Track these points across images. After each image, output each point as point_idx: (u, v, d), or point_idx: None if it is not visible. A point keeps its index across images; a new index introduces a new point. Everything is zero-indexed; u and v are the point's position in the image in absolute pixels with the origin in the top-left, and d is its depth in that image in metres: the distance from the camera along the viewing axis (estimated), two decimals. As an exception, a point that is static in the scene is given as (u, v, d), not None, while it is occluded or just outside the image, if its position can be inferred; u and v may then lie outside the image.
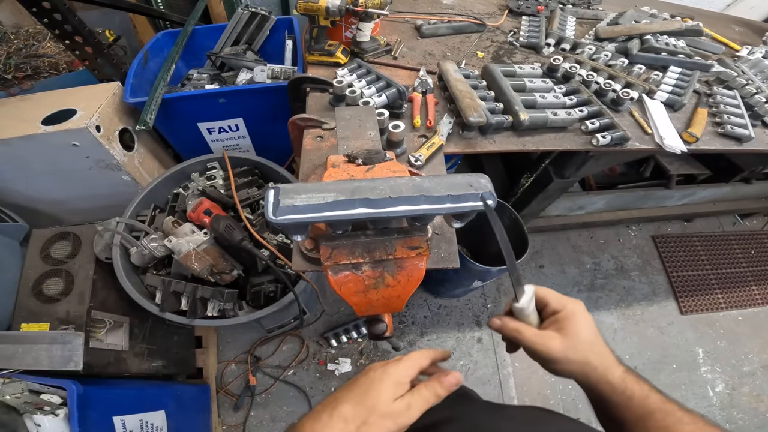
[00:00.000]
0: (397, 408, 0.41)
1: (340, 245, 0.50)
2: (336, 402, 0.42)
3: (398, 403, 0.42)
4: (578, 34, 1.41)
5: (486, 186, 0.47)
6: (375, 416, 0.40)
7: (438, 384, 0.44)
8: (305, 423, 0.41)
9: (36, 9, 1.15)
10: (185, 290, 1.11)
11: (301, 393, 1.65)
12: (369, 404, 0.41)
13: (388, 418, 0.40)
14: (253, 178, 1.36)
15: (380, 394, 0.42)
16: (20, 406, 0.86)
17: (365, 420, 0.40)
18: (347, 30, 1.14)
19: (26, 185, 1.35)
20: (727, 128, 1.07)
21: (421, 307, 1.90)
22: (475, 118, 0.89)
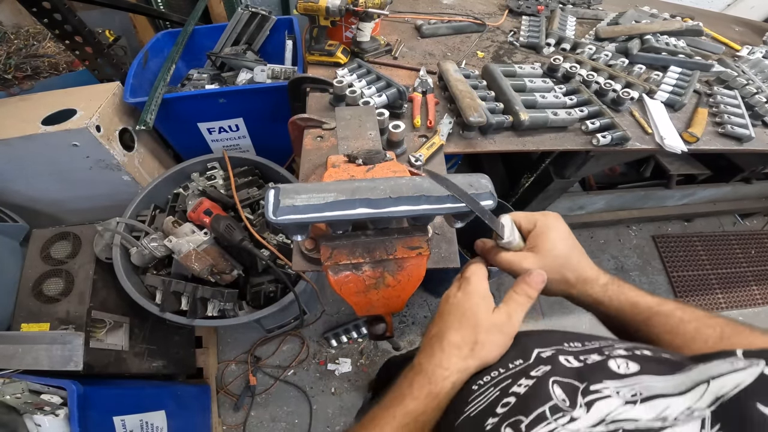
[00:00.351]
0: (498, 319, 0.42)
1: (340, 245, 0.50)
2: (440, 334, 0.42)
3: (497, 314, 0.42)
4: (578, 34, 1.40)
5: (486, 186, 0.47)
6: (482, 333, 0.41)
7: (527, 286, 0.44)
8: (422, 362, 0.41)
9: (36, 9, 1.15)
10: (185, 290, 1.11)
11: (302, 393, 1.65)
12: (472, 325, 0.41)
13: (494, 331, 0.41)
14: (253, 178, 1.36)
15: (476, 312, 0.42)
16: (20, 406, 0.86)
17: (475, 340, 0.40)
18: (347, 30, 1.14)
19: (26, 185, 1.35)
20: (728, 128, 1.07)
21: (421, 307, 1.90)
22: (476, 118, 0.89)
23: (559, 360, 0.36)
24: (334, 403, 1.65)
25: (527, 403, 0.32)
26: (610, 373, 0.32)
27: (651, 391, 0.28)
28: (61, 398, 0.90)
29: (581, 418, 0.28)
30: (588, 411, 0.29)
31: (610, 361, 0.34)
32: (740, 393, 0.24)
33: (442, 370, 0.40)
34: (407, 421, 0.38)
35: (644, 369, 0.32)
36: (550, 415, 0.29)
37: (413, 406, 0.38)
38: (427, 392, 0.39)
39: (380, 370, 1.31)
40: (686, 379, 0.28)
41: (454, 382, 0.39)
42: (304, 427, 1.59)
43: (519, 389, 0.34)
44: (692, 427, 0.24)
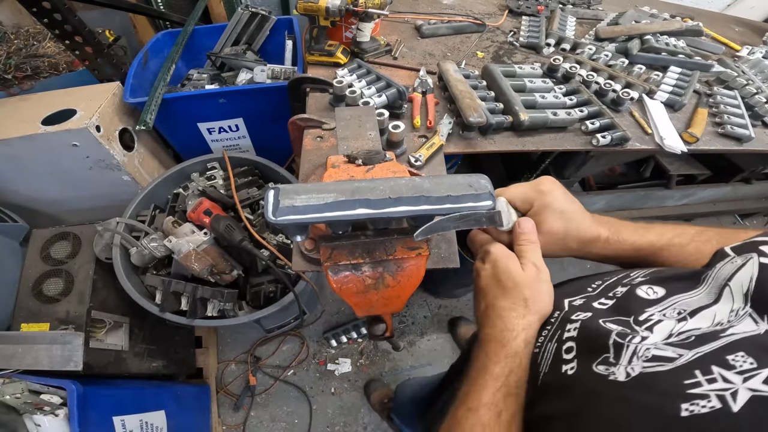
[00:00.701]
0: (529, 272, 0.44)
1: (340, 246, 0.50)
2: (491, 305, 0.45)
3: (526, 269, 0.45)
4: (578, 34, 1.40)
5: (486, 187, 0.47)
6: (526, 289, 0.43)
7: (524, 235, 0.47)
8: (488, 332, 0.44)
9: (36, 9, 1.15)
10: (185, 290, 1.11)
11: (301, 393, 1.65)
12: (512, 286, 0.44)
13: (536, 283, 0.44)
14: (253, 178, 1.36)
15: (510, 274, 0.45)
16: (20, 406, 0.86)
17: (524, 297, 0.43)
18: (347, 30, 1.14)
19: (26, 185, 1.35)
20: (728, 128, 1.07)
21: (421, 307, 1.90)
22: (475, 118, 0.89)
23: (594, 306, 0.40)
24: (334, 403, 1.65)
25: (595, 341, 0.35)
26: (643, 301, 0.36)
27: (692, 306, 0.33)
28: (61, 398, 0.90)
29: (650, 336, 0.32)
30: (652, 332, 0.32)
31: (637, 289, 0.38)
32: (758, 284, 0.30)
33: (508, 332, 0.42)
34: (498, 384, 0.39)
35: (670, 290, 0.36)
36: (621, 339, 0.32)
37: (498, 369, 0.40)
38: (504, 354, 0.41)
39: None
40: (711, 289, 0.33)
41: (525, 338, 0.41)
42: (304, 427, 1.59)
43: (571, 333, 0.38)
44: (747, 323, 0.29)
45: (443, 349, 1.79)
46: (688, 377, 0.27)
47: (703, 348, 0.28)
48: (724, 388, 0.25)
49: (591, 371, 0.33)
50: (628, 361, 0.31)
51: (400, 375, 1.72)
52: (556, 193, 0.50)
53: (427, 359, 1.76)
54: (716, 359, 0.27)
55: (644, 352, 0.31)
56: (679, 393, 0.26)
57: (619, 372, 0.31)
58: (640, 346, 0.31)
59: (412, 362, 1.75)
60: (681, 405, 0.26)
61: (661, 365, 0.29)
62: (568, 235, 0.49)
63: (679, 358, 0.29)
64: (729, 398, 0.24)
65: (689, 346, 0.29)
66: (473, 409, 0.39)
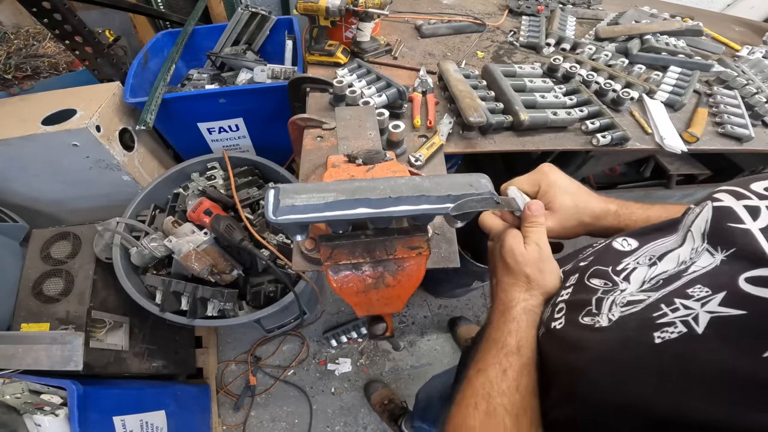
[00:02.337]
0: (533, 252, 0.48)
1: (340, 245, 0.50)
2: (498, 282, 0.50)
3: (529, 250, 0.48)
4: (578, 34, 1.40)
5: (486, 186, 0.47)
6: (528, 268, 0.47)
7: (533, 216, 0.50)
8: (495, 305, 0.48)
9: (36, 9, 1.15)
10: (185, 290, 1.11)
11: (302, 393, 1.65)
12: (514, 265, 0.48)
13: (537, 262, 0.47)
14: (253, 178, 1.36)
15: (514, 254, 0.48)
16: (20, 406, 0.86)
17: (526, 274, 0.47)
18: (347, 30, 1.14)
19: (26, 185, 1.35)
20: (728, 128, 1.07)
21: (421, 307, 1.90)
22: (476, 118, 0.89)
23: (580, 265, 0.46)
24: (334, 403, 1.65)
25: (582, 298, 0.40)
26: (618, 252, 0.42)
27: (659, 251, 0.38)
28: (61, 398, 0.90)
29: (627, 288, 0.38)
30: (629, 282, 0.38)
31: (614, 242, 0.44)
32: (711, 224, 0.35)
33: (509, 300, 0.47)
34: (500, 345, 0.44)
35: (642, 241, 0.42)
36: (604, 295, 0.38)
37: (499, 335, 0.45)
38: (503, 321, 0.45)
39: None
40: (679, 234, 0.39)
41: (524, 307, 0.45)
42: (304, 427, 1.59)
43: (563, 297, 0.44)
44: (705, 258, 0.33)
45: (443, 349, 1.79)
46: (655, 311, 0.32)
47: (668, 288, 0.34)
48: (686, 314, 0.29)
49: (578, 323, 0.38)
50: (609, 309, 0.37)
51: (400, 375, 1.72)
52: (558, 173, 0.55)
53: (427, 359, 1.76)
54: (678, 293, 0.32)
55: (620, 300, 0.36)
56: (650, 324, 0.31)
57: (602, 320, 0.36)
58: (618, 297, 0.37)
59: (412, 362, 1.75)
60: (653, 334, 0.30)
61: (634, 307, 0.34)
62: (578, 209, 0.52)
63: (648, 299, 0.34)
64: (692, 322, 0.28)
65: (657, 288, 0.34)
66: (482, 370, 0.43)
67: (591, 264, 0.44)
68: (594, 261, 0.44)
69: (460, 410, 0.41)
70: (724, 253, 0.32)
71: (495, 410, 0.39)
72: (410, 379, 1.72)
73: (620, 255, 0.42)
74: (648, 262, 0.38)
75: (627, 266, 0.40)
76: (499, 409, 0.39)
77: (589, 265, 0.44)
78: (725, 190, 0.37)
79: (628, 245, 0.42)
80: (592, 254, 0.46)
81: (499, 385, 0.40)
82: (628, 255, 0.41)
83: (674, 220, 0.41)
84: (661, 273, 0.36)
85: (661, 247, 0.39)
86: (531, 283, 0.47)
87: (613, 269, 0.40)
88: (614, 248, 0.43)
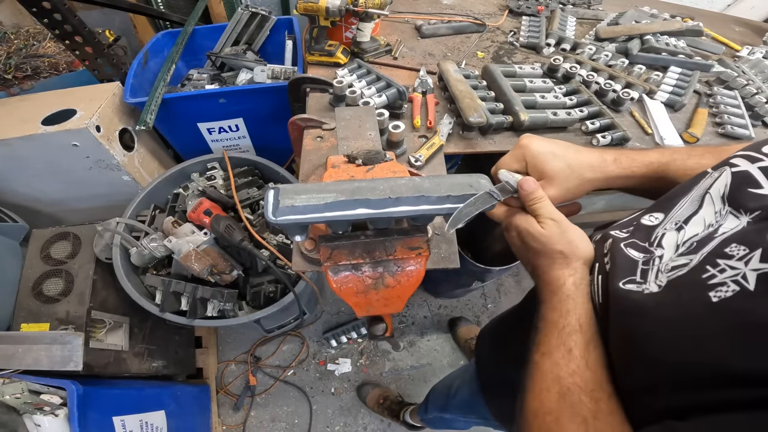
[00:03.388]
0: (552, 228, 0.47)
1: (340, 246, 0.50)
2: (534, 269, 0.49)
3: (547, 226, 0.47)
4: (578, 34, 1.40)
5: (486, 186, 0.47)
6: (557, 244, 0.46)
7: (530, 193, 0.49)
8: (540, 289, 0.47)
9: (36, 9, 1.15)
10: (185, 290, 1.11)
11: (301, 393, 1.65)
12: (541, 247, 0.47)
13: (562, 235, 0.46)
14: (253, 178, 1.36)
15: (534, 237, 0.47)
16: (20, 406, 0.86)
17: (559, 251, 0.46)
18: (347, 30, 1.14)
19: (26, 185, 1.35)
20: (728, 128, 1.07)
21: (421, 307, 1.90)
22: (476, 118, 0.89)
23: (612, 234, 0.46)
24: (334, 403, 1.65)
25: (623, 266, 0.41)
26: (648, 227, 0.43)
27: (683, 217, 0.40)
28: (61, 398, 0.90)
29: (663, 253, 0.39)
30: (663, 247, 0.39)
31: (642, 218, 0.45)
32: (731, 188, 0.37)
33: (556, 281, 0.45)
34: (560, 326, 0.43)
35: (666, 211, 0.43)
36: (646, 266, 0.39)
37: (555, 315, 0.44)
38: (557, 301, 0.44)
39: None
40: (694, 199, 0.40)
41: (573, 282, 0.45)
42: (304, 427, 1.59)
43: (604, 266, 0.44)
44: (731, 220, 0.35)
45: (443, 349, 1.79)
46: (703, 272, 0.32)
47: (705, 249, 0.34)
48: (734, 274, 0.30)
49: (622, 289, 0.39)
50: (655, 276, 0.37)
51: (400, 375, 1.72)
52: (538, 140, 0.53)
53: (427, 359, 1.76)
54: (718, 254, 0.33)
55: (664, 267, 0.37)
56: (703, 286, 0.31)
57: (651, 286, 0.37)
58: (659, 264, 0.38)
59: (412, 362, 1.75)
60: (709, 294, 0.30)
61: (680, 270, 0.35)
62: (573, 168, 0.51)
63: (690, 262, 0.35)
64: (742, 281, 0.29)
65: (694, 251, 0.35)
66: (546, 353, 0.42)
67: (627, 238, 0.44)
68: (631, 235, 0.44)
69: (534, 396, 0.41)
70: (749, 216, 0.34)
71: (569, 390, 0.38)
72: (410, 379, 1.72)
73: (650, 229, 0.43)
74: (675, 227, 0.40)
75: (658, 234, 0.41)
76: (573, 388, 0.38)
77: (624, 238, 0.44)
78: (740, 155, 0.39)
79: (656, 219, 0.43)
80: (625, 230, 0.46)
81: (567, 366, 0.40)
82: (657, 227, 0.42)
83: (686, 184, 0.43)
84: (692, 236, 0.37)
85: (684, 212, 0.40)
86: (567, 256, 0.46)
87: (649, 242, 0.41)
88: (644, 224, 0.44)
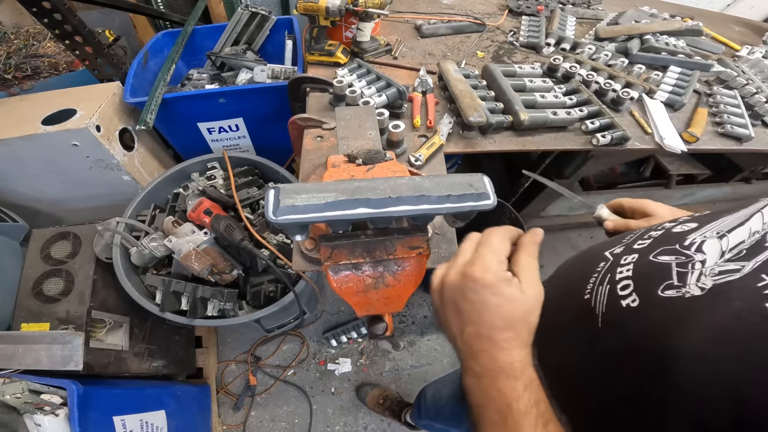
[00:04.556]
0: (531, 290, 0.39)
1: (340, 245, 0.50)
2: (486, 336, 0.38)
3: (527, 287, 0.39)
4: (578, 33, 1.40)
5: (486, 186, 0.47)
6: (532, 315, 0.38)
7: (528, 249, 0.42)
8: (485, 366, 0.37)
9: (36, 9, 1.15)
10: (185, 290, 1.11)
11: (302, 393, 1.65)
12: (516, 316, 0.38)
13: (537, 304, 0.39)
14: (253, 178, 1.36)
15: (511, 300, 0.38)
16: (20, 406, 0.86)
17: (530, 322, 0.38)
18: (347, 30, 1.14)
19: (26, 185, 1.35)
20: (727, 128, 1.07)
21: (421, 307, 1.90)
22: (475, 117, 0.89)
23: (635, 248, 0.41)
24: (334, 403, 1.65)
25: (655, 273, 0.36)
26: (680, 235, 0.38)
27: (727, 227, 0.36)
28: (61, 398, 0.90)
29: (706, 258, 0.34)
30: (704, 253, 0.34)
31: (672, 228, 0.40)
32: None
33: (517, 363, 0.37)
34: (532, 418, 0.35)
35: (702, 221, 0.39)
36: (683, 269, 0.34)
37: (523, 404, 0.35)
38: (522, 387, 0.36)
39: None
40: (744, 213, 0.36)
41: (530, 362, 0.38)
42: (304, 427, 1.59)
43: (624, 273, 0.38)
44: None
45: (443, 349, 1.79)
46: (758, 281, 0.29)
47: (758, 257, 0.31)
48: None
49: (657, 297, 0.34)
50: (696, 280, 0.33)
51: (400, 375, 1.72)
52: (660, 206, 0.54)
53: (427, 359, 1.76)
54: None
55: (710, 271, 0.33)
56: (758, 294, 0.28)
57: (692, 290, 0.32)
58: (704, 269, 0.33)
59: (413, 362, 1.75)
60: (765, 304, 0.27)
61: (731, 275, 0.31)
62: None
63: (743, 268, 0.31)
64: None
65: (746, 258, 0.32)
66: None
67: (653, 246, 0.39)
68: (655, 244, 0.39)
69: None
70: None
71: None
72: (410, 379, 1.72)
73: (682, 234, 0.38)
74: (716, 235, 0.36)
75: (694, 240, 0.37)
76: None
77: (650, 247, 0.39)
78: None
79: (687, 227, 0.39)
80: (650, 238, 0.41)
81: None
82: (690, 233, 0.38)
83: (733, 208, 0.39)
84: (738, 243, 0.33)
85: (727, 224, 0.36)
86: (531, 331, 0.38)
87: (680, 245, 0.37)
88: (674, 231, 0.40)
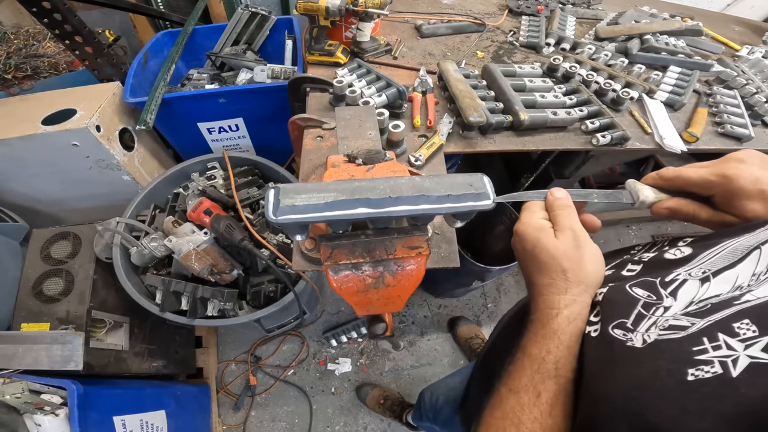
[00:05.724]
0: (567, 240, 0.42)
1: (340, 245, 0.50)
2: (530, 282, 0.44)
3: (562, 237, 0.42)
4: (578, 33, 1.40)
5: (485, 185, 0.47)
6: (565, 261, 0.41)
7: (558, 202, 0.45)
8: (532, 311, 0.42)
9: (36, 9, 1.15)
10: (185, 290, 1.11)
11: (302, 393, 1.65)
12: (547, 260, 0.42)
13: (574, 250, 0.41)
14: (253, 178, 1.36)
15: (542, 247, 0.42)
16: (20, 406, 0.86)
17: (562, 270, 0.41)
18: (347, 30, 1.14)
19: (26, 185, 1.35)
20: (727, 128, 1.07)
21: (421, 307, 1.90)
22: (475, 117, 0.89)
23: (623, 273, 0.42)
24: (334, 403, 1.65)
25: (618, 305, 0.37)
26: (670, 262, 0.38)
27: (716, 266, 0.35)
28: (61, 398, 0.90)
29: (672, 306, 0.34)
30: (675, 299, 0.34)
31: (665, 253, 0.40)
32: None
33: (549, 310, 0.40)
34: (536, 365, 0.38)
35: (698, 248, 0.38)
36: (645, 311, 0.35)
37: (536, 350, 0.39)
38: (542, 334, 0.39)
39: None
40: (744, 243, 0.34)
41: (567, 316, 0.39)
42: (304, 427, 1.59)
43: (597, 298, 0.39)
44: (764, 289, 0.30)
45: (443, 349, 1.79)
46: (696, 344, 0.29)
47: (714, 316, 0.30)
48: (726, 354, 0.27)
49: (608, 333, 0.35)
50: (646, 329, 0.33)
51: (400, 375, 1.72)
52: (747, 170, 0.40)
53: (427, 359, 1.76)
54: (724, 327, 0.29)
55: (662, 322, 0.33)
56: (687, 359, 0.28)
57: (636, 339, 0.33)
58: (661, 318, 0.33)
59: (412, 362, 1.75)
60: (687, 370, 0.28)
61: (675, 333, 0.31)
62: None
63: (691, 326, 0.31)
64: (730, 364, 0.27)
65: (703, 315, 0.31)
66: (514, 390, 0.39)
67: (638, 275, 0.40)
68: (641, 273, 0.40)
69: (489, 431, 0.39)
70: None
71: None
72: (410, 379, 1.72)
73: (671, 264, 0.38)
74: (701, 276, 0.35)
75: (677, 277, 0.36)
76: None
77: (635, 276, 0.40)
78: None
79: (680, 253, 0.38)
80: (641, 263, 0.42)
81: (531, 411, 0.37)
82: (679, 265, 0.37)
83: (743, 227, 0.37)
84: (712, 296, 0.33)
85: (719, 260, 0.35)
86: (569, 279, 0.40)
87: (661, 281, 0.36)
88: (665, 258, 0.39)
